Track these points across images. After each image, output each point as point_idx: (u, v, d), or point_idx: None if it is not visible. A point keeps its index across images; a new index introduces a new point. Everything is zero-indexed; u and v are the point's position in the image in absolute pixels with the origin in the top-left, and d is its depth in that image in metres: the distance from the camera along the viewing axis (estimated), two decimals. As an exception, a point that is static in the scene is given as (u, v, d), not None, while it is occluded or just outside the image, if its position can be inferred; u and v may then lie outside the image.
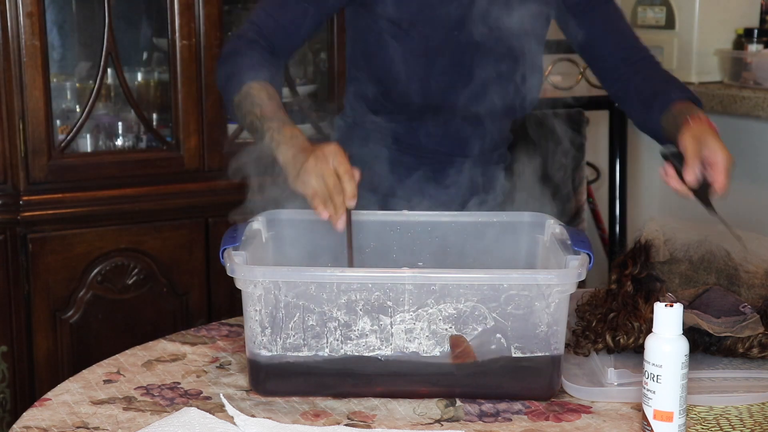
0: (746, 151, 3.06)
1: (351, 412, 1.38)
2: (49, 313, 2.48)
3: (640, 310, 1.52)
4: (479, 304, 1.37)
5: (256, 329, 1.39)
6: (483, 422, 1.35)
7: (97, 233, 2.51)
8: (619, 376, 1.43)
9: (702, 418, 1.36)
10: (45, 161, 2.45)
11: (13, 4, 2.38)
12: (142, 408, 1.39)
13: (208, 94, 2.59)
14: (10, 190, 2.44)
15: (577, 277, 1.36)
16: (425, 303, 1.37)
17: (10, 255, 2.44)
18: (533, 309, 1.37)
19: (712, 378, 1.47)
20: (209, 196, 2.62)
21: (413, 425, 1.34)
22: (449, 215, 1.70)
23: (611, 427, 1.34)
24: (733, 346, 1.51)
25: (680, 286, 1.61)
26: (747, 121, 3.01)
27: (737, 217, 2.99)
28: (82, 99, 2.66)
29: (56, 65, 2.72)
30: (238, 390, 1.45)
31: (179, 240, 2.59)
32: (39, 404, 1.39)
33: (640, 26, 3.21)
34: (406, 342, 1.38)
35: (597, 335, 1.52)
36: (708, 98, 3.01)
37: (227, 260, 1.39)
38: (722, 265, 1.63)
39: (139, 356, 1.58)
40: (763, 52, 3.00)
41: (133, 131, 2.70)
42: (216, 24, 2.58)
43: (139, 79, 2.78)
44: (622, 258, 1.61)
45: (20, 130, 2.42)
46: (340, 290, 1.37)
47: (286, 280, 1.37)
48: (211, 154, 2.62)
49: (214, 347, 1.62)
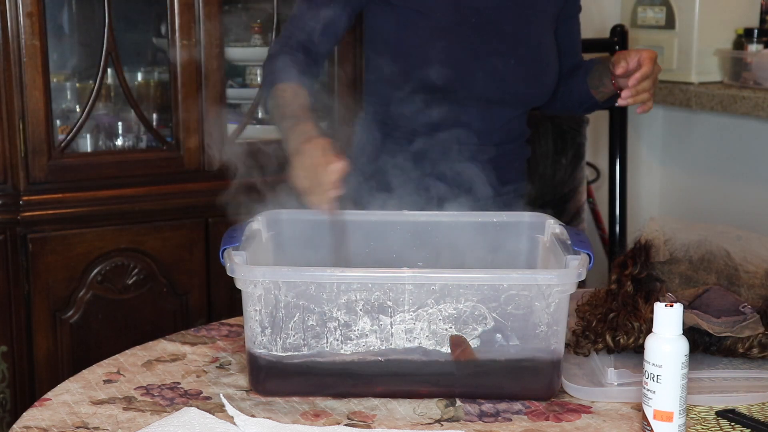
0: (746, 151, 3.06)
1: (351, 412, 1.38)
2: (49, 313, 2.47)
3: (640, 310, 1.52)
4: (479, 304, 1.37)
5: (256, 329, 1.39)
6: (483, 422, 1.35)
7: (97, 233, 2.51)
8: (619, 376, 1.43)
9: (702, 418, 1.36)
10: (45, 161, 2.45)
11: (13, 4, 2.38)
12: (142, 408, 1.39)
13: (208, 94, 2.59)
14: (10, 190, 2.44)
15: (577, 277, 1.36)
16: (425, 303, 1.37)
17: (10, 255, 2.44)
18: (533, 309, 1.37)
19: (712, 378, 1.47)
20: (209, 196, 2.61)
21: (413, 425, 1.34)
22: (449, 215, 1.70)
23: (611, 427, 1.34)
24: (733, 346, 1.51)
25: (680, 286, 1.61)
26: (747, 121, 3.01)
27: (737, 217, 3.00)
28: (82, 99, 2.66)
29: (56, 65, 2.71)
30: (238, 390, 1.45)
31: (179, 240, 2.59)
32: (39, 404, 1.39)
33: (640, 26, 3.21)
34: (406, 342, 1.38)
35: (597, 335, 1.52)
36: (708, 98, 3.01)
37: (227, 260, 1.39)
38: (722, 265, 1.63)
39: (139, 356, 1.58)
40: (763, 52, 3.00)
41: (133, 131, 2.69)
42: (216, 24, 2.57)
43: (139, 79, 2.78)
44: (622, 258, 1.61)
45: (20, 130, 2.42)
46: (340, 290, 1.37)
47: (286, 280, 1.37)
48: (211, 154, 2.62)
49: (214, 347, 1.62)
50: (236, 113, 2.78)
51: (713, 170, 3.17)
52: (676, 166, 3.27)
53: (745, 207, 3.03)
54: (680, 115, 3.24)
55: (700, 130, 3.20)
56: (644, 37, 3.20)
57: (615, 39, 2.94)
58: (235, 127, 2.68)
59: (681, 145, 3.27)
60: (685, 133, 3.25)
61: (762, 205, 2.99)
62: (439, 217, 1.69)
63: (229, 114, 2.70)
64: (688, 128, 3.24)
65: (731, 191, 3.09)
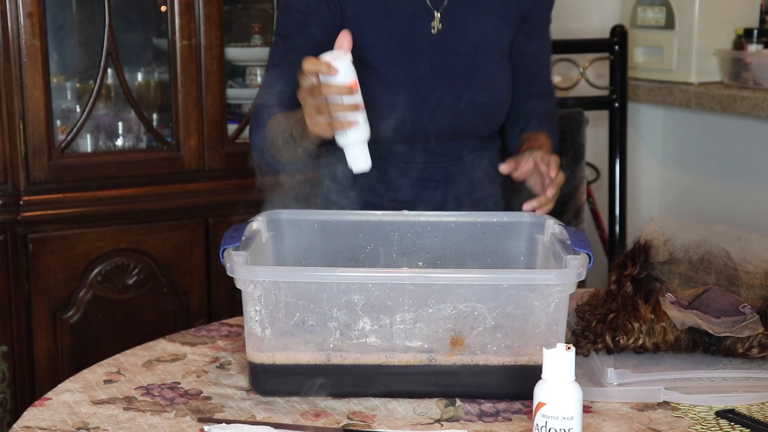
0: (746, 151, 3.06)
1: (351, 412, 1.38)
2: (50, 313, 2.48)
3: (640, 310, 1.52)
4: (479, 304, 1.37)
5: (256, 329, 1.39)
6: (483, 422, 1.35)
7: (98, 233, 2.51)
8: (619, 376, 1.44)
9: (702, 418, 1.36)
10: (45, 161, 2.45)
11: (13, 4, 2.38)
12: (142, 408, 1.39)
13: (208, 94, 2.59)
14: (11, 190, 2.44)
15: (576, 277, 1.36)
16: (425, 303, 1.37)
17: (11, 255, 2.44)
18: (533, 309, 1.37)
19: (712, 378, 1.47)
20: (209, 196, 2.62)
21: (413, 425, 1.34)
22: (449, 215, 1.70)
23: (611, 426, 1.34)
24: (732, 346, 1.51)
25: (680, 286, 1.61)
26: (747, 121, 3.01)
27: (737, 217, 3.00)
28: (82, 99, 2.66)
29: (56, 65, 2.72)
30: (238, 390, 1.45)
31: (179, 240, 2.59)
32: (39, 404, 1.39)
33: (640, 26, 3.21)
34: (406, 342, 1.38)
35: (597, 335, 1.52)
36: (708, 98, 3.01)
37: (227, 260, 1.39)
38: (722, 265, 1.63)
39: (139, 356, 1.58)
40: (763, 52, 3.00)
41: (133, 131, 2.70)
42: (216, 24, 2.57)
43: (139, 79, 2.78)
44: (621, 258, 1.61)
45: (20, 130, 2.42)
46: (340, 290, 1.37)
47: (286, 280, 1.37)
48: (211, 154, 2.62)
49: (214, 347, 1.63)
50: (236, 113, 2.79)
51: (713, 170, 3.16)
52: (676, 166, 3.27)
53: (745, 207, 3.03)
54: (680, 115, 3.24)
55: (700, 130, 3.20)
56: (644, 37, 3.21)
57: (615, 39, 2.94)
58: (236, 127, 2.68)
59: (681, 145, 3.27)
60: (685, 133, 3.25)
61: (762, 205, 2.99)
62: (439, 217, 1.69)
63: (229, 114, 2.70)
64: (688, 128, 3.24)
65: (731, 191, 3.09)
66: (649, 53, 3.22)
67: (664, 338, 1.51)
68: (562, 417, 1.13)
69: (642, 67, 3.23)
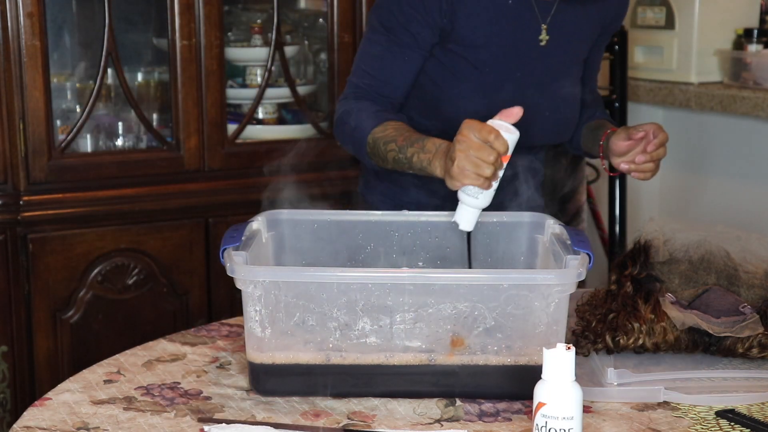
0: (746, 151, 3.06)
1: (351, 412, 1.38)
2: (50, 313, 2.48)
3: (640, 310, 1.52)
4: (479, 304, 1.37)
5: (256, 329, 1.39)
6: (483, 422, 1.35)
7: (98, 233, 2.51)
8: (619, 376, 1.44)
9: (702, 418, 1.36)
10: (45, 161, 2.45)
11: (13, 4, 2.38)
12: (142, 408, 1.39)
13: (208, 94, 2.59)
14: (11, 190, 2.44)
15: (576, 277, 1.36)
16: (425, 303, 1.37)
17: (11, 255, 2.44)
18: (533, 309, 1.37)
19: (712, 378, 1.47)
20: (209, 196, 2.62)
21: (413, 425, 1.34)
22: (449, 215, 1.70)
23: (611, 426, 1.34)
24: (732, 346, 1.51)
25: (680, 286, 1.61)
26: (747, 121, 3.01)
27: (737, 217, 3.00)
28: (82, 99, 2.66)
29: (56, 65, 2.72)
30: (238, 390, 1.45)
31: (179, 240, 2.59)
32: (39, 404, 1.39)
33: (640, 26, 3.21)
34: (406, 342, 1.38)
35: (597, 335, 1.52)
36: (708, 98, 3.01)
37: (227, 260, 1.39)
38: (722, 265, 1.63)
39: (139, 356, 1.58)
40: (762, 52, 3.00)
41: (133, 131, 2.70)
42: (216, 24, 2.58)
43: (139, 79, 2.78)
44: (621, 258, 1.61)
45: (20, 130, 2.42)
46: (340, 290, 1.37)
47: (286, 280, 1.37)
48: (211, 154, 2.62)
49: (214, 347, 1.63)
50: (236, 113, 2.79)
51: (713, 170, 3.16)
52: (676, 166, 3.27)
53: (745, 207, 3.03)
54: (680, 115, 3.24)
55: (700, 130, 3.20)
56: (644, 37, 3.21)
57: (615, 39, 2.94)
58: (236, 127, 2.68)
59: (681, 145, 3.27)
60: (685, 133, 3.25)
61: (762, 205, 2.99)
62: (439, 217, 1.69)
63: (229, 114, 2.70)
64: (688, 128, 3.24)
65: (731, 191, 3.09)
66: (649, 53, 3.22)
67: (664, 338, 1.51)
68: (562, 417, 1.14)
69: (642, 67, 3.23)
